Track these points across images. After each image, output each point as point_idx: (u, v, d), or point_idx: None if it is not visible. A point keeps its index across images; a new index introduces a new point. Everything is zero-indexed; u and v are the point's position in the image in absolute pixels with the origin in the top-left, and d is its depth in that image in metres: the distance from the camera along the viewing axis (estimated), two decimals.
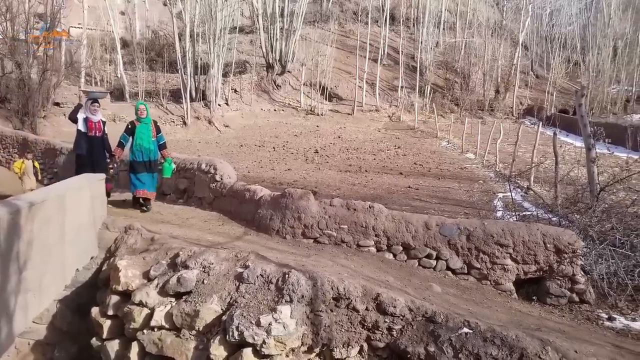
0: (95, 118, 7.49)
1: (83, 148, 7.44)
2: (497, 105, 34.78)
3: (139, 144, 7.28)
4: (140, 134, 7.29)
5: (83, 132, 7.42)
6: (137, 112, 7.39)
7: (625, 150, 13.62)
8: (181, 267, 4.63)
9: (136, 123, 7.35)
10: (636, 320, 4.95)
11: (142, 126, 7.36)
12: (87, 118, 7.42)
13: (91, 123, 7.45)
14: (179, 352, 4.09)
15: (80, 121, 7.40)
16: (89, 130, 7.46)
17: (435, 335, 3.99)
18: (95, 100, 7.61)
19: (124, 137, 7.35)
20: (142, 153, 7.30)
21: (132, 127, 7.34)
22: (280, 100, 30.86)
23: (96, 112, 7.53)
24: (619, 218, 6.40)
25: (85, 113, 7.46)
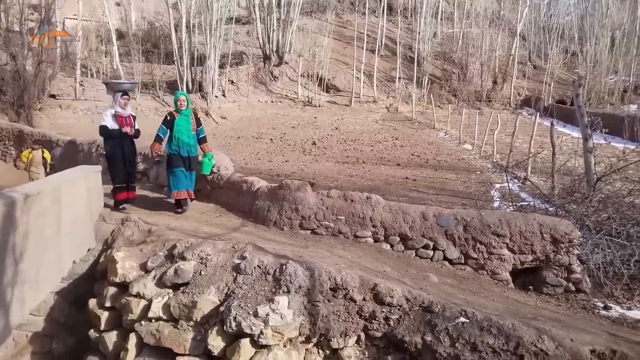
0: (125, 112, 6.69)
1: (115, 149, 6.61)
2: (495, 96, 34.73)
3: (178, 138, 6.62)
4: (179, 127, 6.62)
5: (112, 128, 6.59)
6: (177, 103, 6.72)
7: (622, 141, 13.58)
8: (178, 259, 4.63)
9: (175, 115, 6.69)
10: (632, 309, 4.98)
11: (181, 118, 6.68)
12: (117, 113, 6.59)
13: (121, 119, 6.62)
14: (177, 343, 4.11)
15: (109, 117, 6.55)
16: (123, 127, 6.66)
17: (432, 325, 4.01)
18: (125, 93, 6.80)
19: (162, 130, 6.68)
20: (180, 147, 6.65)
21: (170, 119, 6.66)
22: (278, 92, 30.75)
23: (126, 106, 6.75)
24: (616, 208, 6.42)
25: (114, 107, 6.65)
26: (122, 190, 6.62)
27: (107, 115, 6.59)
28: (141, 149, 9.48)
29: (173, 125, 6.64)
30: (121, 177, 6.64)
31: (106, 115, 6.59)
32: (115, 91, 6.93)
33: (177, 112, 6.71)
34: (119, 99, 6.64)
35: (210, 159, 7.10)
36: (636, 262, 5.47)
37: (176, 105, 6.74)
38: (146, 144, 7.51)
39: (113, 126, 6.55)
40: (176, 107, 6.74)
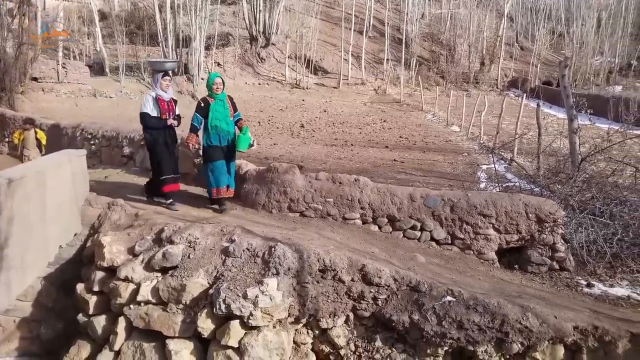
0: (167, 96, 6.01)
1: (158, 137, 5.97)
2: (482, 78, 34.83)
3: (215, 126, 5.89)
4: (216, 114, 5.89)
5: (154, 116, 5.91)
6: (212, 87, 5.93)
7: (607, 122, 13.80)
8: (166, 243, 4.61)
9: (210, 100, 5.94)
10: (614, 287, 5.11)
11: (217, 104, 5.93)
12: (158, 97, 5.90)
13: (163, 103, 5.92)
14: (167, 326, 4.12)
15: (149, 102, 5.86)
16: (162, 113, 5.95)
17: (419, 304, 4.08)
18: (166, 73, 6.06)
19: (197, 118, 5.91)
20: (219, 137, 5.93)
21: (205, 106, 5.90)
22: (265, 74, 30.44)
23: (169, 88, 6.06)
24: (599, 188, 6.53)
25: (155, 90, 5.93)
26: (171, 182, 6.07)
27: (148, 100, 5.88)
28: (127, 132, 9.39)
29: (208, 112, 5.88)
30: (169, 168, 6.08)
31: (147, 101, 5.88)
32: (155, 71, 6.02)
33: (211, 98, 5.97)
34: (160, 80, 5.91)
35: (246, 132, 6.09)
36: (619, 240, 5.58)
37: (211, 89, 5.95)
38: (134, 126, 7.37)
39: (154, 112, 5.89)
40: (210, 92, 5.97)
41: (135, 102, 22.60)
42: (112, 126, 10.22)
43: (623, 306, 4.61)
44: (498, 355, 3.87)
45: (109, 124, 10.61)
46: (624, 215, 5.86)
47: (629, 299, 4.80)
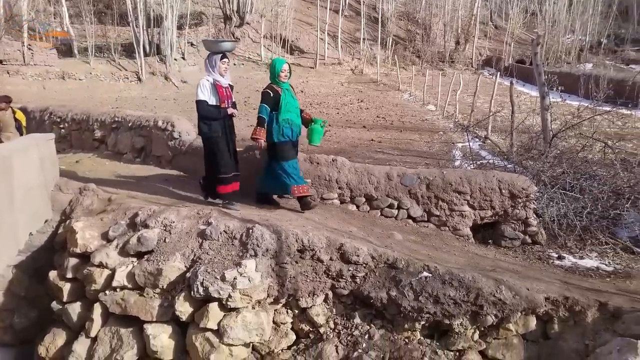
0: (225, 81, 5.25)
1: (218, 129, 5.20)
2: (457, 57, 35.01)
3: (287, 119, 5.23)
4: (287, 105, 5.23)
5: (212, 105, 5.15)
6: (279, 75, 5.24)
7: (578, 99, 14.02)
8: (141, 227, 4.54)
9: (279, 90, 5.25)
10: (583, 258, 5.27)
11: (287, 93, 5.29)
12: (216, 82, 5.16)
13: (221, 90, 5.17)
14: (144, 311, 4.08)
15: (207, 88, 5.12)
16: (221, 101, 5.17)
17: (396, 281, 4.13)
18: (224, 55, 5.24)
19: (266, 110, 5.18)
20: (292, 131, 5.28)
21: (275, 96, 5.22)
22: (240, 54, 29.90)
23: (227, 72, 5.30)
24: (570, 163, 6.68)
25: (212, 75, 5.18)
26: (230, 182, 5.31)
27: (205, 85, 5.12)
28: (98, 115, 9.15)
29: (279, 103, 5.21)
30: (230, 165, 5.31)
31: (203, 87, 5.11)
32: (212, 53, 5.23)
33: (278, 86, 5.28)
34: (218, 63, 5.14)
35: (319, 122, 5.46)
36: (588, 214, 5.74)
37: (277, 77, 5.26)
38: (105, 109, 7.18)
39: (212, 100, 5.12)
40: (276, 80, 5.27)
41: (106, 84, 22.03)
42: (82, 109, 9.95)
43: (592, 277, 4.76)
44: (473, 327, 3.97)
45: (79, 107, 10.33)
46: (593, 190, 6.02)
47: (597, 270, 4.97)
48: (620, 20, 40.41)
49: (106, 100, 18.37)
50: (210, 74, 5.18)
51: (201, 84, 5.14)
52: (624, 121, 9.91)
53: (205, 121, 5.16)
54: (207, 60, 5.22)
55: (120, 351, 4.05)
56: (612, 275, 4.80)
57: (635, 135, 11.72)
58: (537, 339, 3.96)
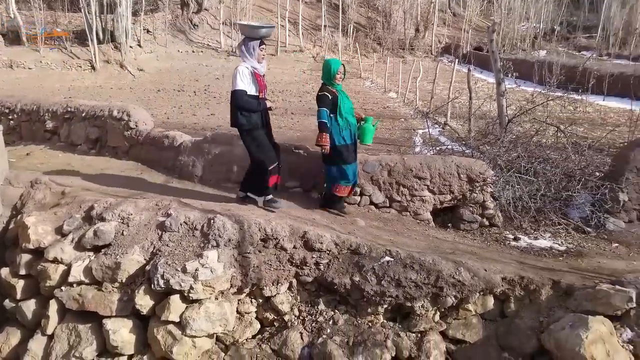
0: (262, 70, 4.86)
1: (257, 120, 4.85)
2: (417, 44, 35.42)
3: (346, 120, 5.04)
4: (345, 107, 5.02)
5: (252, 95, 4.75)
6: (334, 76, 4.96)
7: (532, 85, 14.50)
8: (97, 220, 4.40)
9: (335, 92, 5.00)
10: (538, 239, 5.48)
11: (342, 95, 5.06)
12: (254, 71, 4.76)
13: (260, 79, 4.80)
14: (102, 306, 3.97)
15: (246, 77, 4.68)
16: (260, 91, 4.82)
17: (359, 266, 4.18)
18: (262, 41, 4.84)
19: (326, 114, 4.90)
20: (350, 132, 5.09)
21: (333, 98, 4.96)
22: (199, 41, 29.23)
23: (264, 60, 4.90)
24: (524, 147, 6.89)
25: (249, 61, 4.73)
26: (274, 173, 5.04)
27: (245, 74, 4.67)
28: (49, 106, 8.76)
29: (337, 105, 4.98)
30: (273, 156, 4.99)
31: (243, 75, 4.66)
32: (249, 38, 4.77)
33: (333, 88, 5.02)
34: (257, 49, 4.72)
35: (370, 121, 5.25)
36: (542, 196, 5.96)
37: (333, 78, 4.98)
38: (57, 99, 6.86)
39: (252, 90, 4.72)
40: (331, 82, 5.00)
41: (57, 74, 21.08)
42: (32, 99, 9.49)
43: (546, 256, 4.96)
44: (434, 309, 4.07)
45: (29, 97, 9.84)
46: (546, 172, 6.25)
47: (551, 249, 5.17)
48: (572, 7, 41.88)
49: (58, 90, 17.59)
50: (247, 60, 4.72)
51: (240, 72, 4.66)
52: (575, 106, 10.31)
53: (244, 113, 4.76)
54: (244, 46, 4.74)
55: (78, 348, 3.95)
56: (564, 255, 5.01)
57: (585, 120, 12.24)
58: (494, 318, 4.10)
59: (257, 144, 4.87)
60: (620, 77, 16.33)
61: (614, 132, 9.29)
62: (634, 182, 5.79)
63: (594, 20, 37.69)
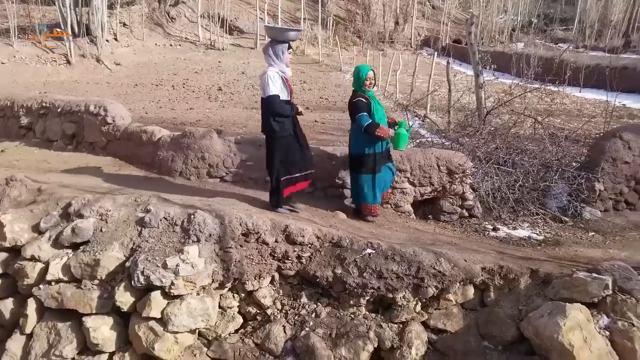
0: (289, 73, 4.76)
1: (289, 126, 4.72)
2: (397, 37, 35.51)
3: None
4: (378, 113, 4.94)
5: (285, 100, 4.64)
6: (364, 83, 4.89)
7: (510, 77, 14.69)
8: (75, 217, 4.33)
9: (367, 97, 4.93)
10: (516, 229, 5.58)
11: (374, 101, 4.98)
12: (283, 75, 4.64)
13: (288, 83, 4.73)
14: (82, 303, 3.92)
15: (278, 81, 4.55)
16: (290, 96, 4.76)
17: (341, 259, 4.20)
18: (290, 45, 4.76)
19: (366, 118, 4.82)
20: (382, 140, 4.99)
21: (368, 103, 4.89)
22: (177, 34, 28.78)
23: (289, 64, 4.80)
24: (503, 139, 7.01)
25: (277, 65, 4.61)
26: (299, 181, 4.93)
27: (276, 78, 4.54)
28: (23, 101, 8.55)
29: (370, 111, 4.89)
30: (299, 162, 4.87)
31: (274, 79, 4.53)
32: (277, 42, 4.65)
33: (364, 94, 4.94)
34: (285, 53, 4.64)
35: (403, 126, 5.08)
36: (520, 187, 6.07)
37: (363, 85, 4.91)
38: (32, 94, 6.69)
39: (283, 95, 4.60)
40: (361, 88, 4.94)
41: (32, 68, 20.53)
42: (6, 94, 9.26)
43: (524, 246, 5.06)
44: (415, 299, 4.11)
45: (2, 93, 9.62)
46: (524, 163, 6.36)
47: (529, 239, 5.28)
48: (549, 0, 42.48)
49: (33, 85, 17.14)
50: (275, 64, 4.60)
51: (271, 77, 4.51)
52: (552, 97, 10.50)
53: (278, 119, 4.62)
54: (271, 50, 4.60)
55: (58, 346, 3.90)
56: (542, 244, 5.12)
57: (562, 111, 12.46)
58: (475, 307, 4.16)
59: (283, 152, 4.73)
60: (596, 68, 16.65)
61: (590, 123, 9.49)
62: (609, 171, 5.93)
63: (571, 13, 38.35)
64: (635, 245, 5.02)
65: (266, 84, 4.52)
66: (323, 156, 5.93)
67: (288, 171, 4.80)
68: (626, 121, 10.46)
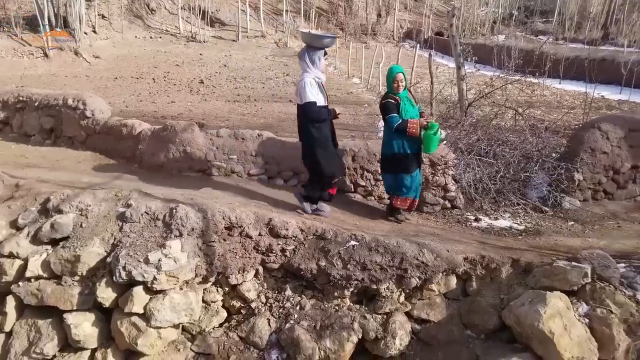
0: (324, 78, 4.79)
1: (327, 132, 4.77)
2: (380, 29, 35.55)
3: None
4: (407, 114, 4.89)
5: (322, 106, 4.66)
6: (393, 84, 4.90)
7: (492, 69, 14.84)
8: (54, 212, 4.25)
9: (397, 99, 4.90)
10: (498, 219, 5.65)
11: (405, 102, 4.93)
12: (319, 81, 4.67)
13: (324, 89, 4.79)
14: (63, 300, 3.86)
15: (315, 87, 4.59)
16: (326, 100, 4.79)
17: (325, 251, 4.21)
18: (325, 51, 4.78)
19: (395, 119, 4.83)
20: (412, 141, 4.93)
21: (397, 104, 4.88)
22: (157, 27, 28.33)
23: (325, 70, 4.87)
24: (484, 130, 7.07)
25: (313, 71, 4.62)
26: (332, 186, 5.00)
27: (313, 85, 4.58)
28: None
29: (399, 113, 4.87)
30: (335, 165, 4.92)
31: (312, 86, 4.57)
32: (314, 48, 4.67)
33: (395, 95, 4.92)
34: (322, 60, 4.66)
35: (436, 131, 4.83)
36: (501, 177, 6.14)
37: (391, 87, 4.93)
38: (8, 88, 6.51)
39: (320, 101, 4.62)
40: (391, 90, 4.95)
41: (8, 62, 20.03)
42: None
43: (506, 236, 5.13)
44: (399, 290, 4.15)
45: None
46: (505, 155, 6.43)
47: (510, 229, 5.35)
48: None
49: (9, 79, 16.71)
50: (310, 71, 4.63)
51: (308, 83, 4.56)
52: (532, 89, 10.62)
53: (316, 125, 4.66)
54: (308, 56, 4.63)
55: (39, 344, 3.85)
56: (523, 234, 5.19)
57: (542, 103, 12.62)
58: (457, 297, 4.22)
59: (320, 153, 4.72)
60: (575, 60, 16.88)
61: (570, 114, 9.64)
62: (588, 162, 6.03)
63: (551, 5, 38.77)
64: (614, 233, 5.13)
65: (303, 90, 4.57)
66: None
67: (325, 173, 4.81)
68: (604, 112, 10.65)
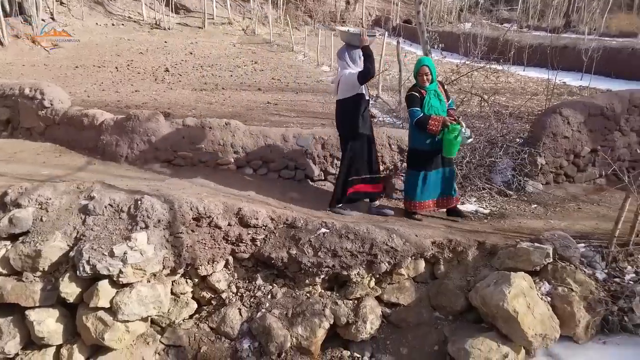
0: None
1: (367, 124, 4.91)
2: (348, 17, 35.47)
3: None
4: (430, 109, 4.71)
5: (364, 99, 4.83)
6: (418, 77, 4.75)
7: (458, 56, 15.00)
8: (12, 207, 4.08)
9: (422, 92, 4.74)
10: (464, 204, 5.74)
11: (431, 96, 4.74)
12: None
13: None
14: (24, 297, 3.73)
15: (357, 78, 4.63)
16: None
17: (296, 239, 4.20)
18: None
19: (417, 112, 4.69)
20: (433, 137, 4.72)
21: (420, 99, 4.72)
22: (119, 13, 27.44)
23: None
24: None
25: (353, 68, 4.75)
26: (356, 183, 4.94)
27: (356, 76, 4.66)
28: None
29: (422, 106, 4.71)
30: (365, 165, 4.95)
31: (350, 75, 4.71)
32: (352, 47, 4.82)
33: (421, 89, 4.76)
34: (362, 57, 4.74)
35: (457, 134, 4.56)
36: (467, 163, 6.24)
37: (417, 80, 4.78)
38: None
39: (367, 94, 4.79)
40: (418, 83, 4.79)
41: None
42: None
43: (472, 220, 5.22)
44: (369, 275, 4.19)
45: None
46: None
47: (476, 213, 5.46)
48: None
49: None
50: (350, 68, 4.77)
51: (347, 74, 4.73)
52: (497, 76, 10.79)
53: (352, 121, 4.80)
54: (348, 54, 4.82)
55: (0, 342, 3.70)
56: (489, 217, 5.30)
57: (507, 89, 12.86)
58: (426, 280, 4.31)
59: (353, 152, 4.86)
60: (538, 48, 17.25)
61: (533, 100, 9.86)
62: (550, 146, 6.19)
63: None
64: (574, 215, 5.30)
65: (342, 86, 4.78)
66: (276, 139, 5.87)
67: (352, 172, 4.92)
68: (566, 98, 10.93)
